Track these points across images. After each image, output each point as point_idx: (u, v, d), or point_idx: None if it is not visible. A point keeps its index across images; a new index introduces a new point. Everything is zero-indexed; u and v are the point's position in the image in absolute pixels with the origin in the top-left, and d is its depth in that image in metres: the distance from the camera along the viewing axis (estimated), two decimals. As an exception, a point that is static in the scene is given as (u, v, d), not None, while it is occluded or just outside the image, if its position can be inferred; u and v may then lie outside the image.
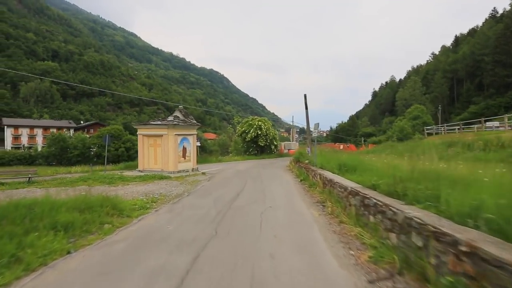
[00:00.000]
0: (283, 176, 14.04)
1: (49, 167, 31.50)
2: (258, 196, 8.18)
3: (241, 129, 32.13)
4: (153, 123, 14.28)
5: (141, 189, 9.67)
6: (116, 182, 11.39)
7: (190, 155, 15.60)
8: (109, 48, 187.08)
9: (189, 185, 10.86)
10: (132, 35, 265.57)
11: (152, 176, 12.77)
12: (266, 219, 5.39)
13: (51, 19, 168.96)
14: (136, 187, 10.18)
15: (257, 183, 11.12)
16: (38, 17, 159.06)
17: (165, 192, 9.09)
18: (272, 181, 11.90)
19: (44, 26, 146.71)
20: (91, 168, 13.84)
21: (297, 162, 17.34)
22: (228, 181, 12.12)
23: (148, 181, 11.96)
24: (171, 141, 14.22)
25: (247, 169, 18.25)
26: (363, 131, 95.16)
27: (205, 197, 8.03)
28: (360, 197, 4.75)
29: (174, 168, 14.33)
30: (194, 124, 15.61)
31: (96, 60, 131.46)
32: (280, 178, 13.40)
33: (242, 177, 13.52)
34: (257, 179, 12.56)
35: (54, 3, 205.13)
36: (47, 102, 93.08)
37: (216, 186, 10.39)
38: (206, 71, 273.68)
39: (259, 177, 13.34)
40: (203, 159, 23.89)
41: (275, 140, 33.09)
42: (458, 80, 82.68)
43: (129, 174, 13.71)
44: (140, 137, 14.67)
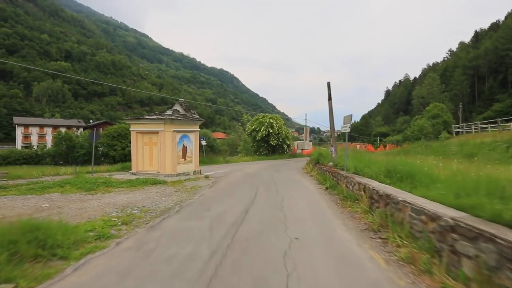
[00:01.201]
0: (302, 182, 11.58)
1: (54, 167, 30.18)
2: (275, 214, 5.79)
3: (251, 127, 29.79)
4: (147, 118, 12.14)
5: (122, 200, 7.46)
6: (97, 188, 9.26)
7: (192, 155, 13.37)
8: (121, 49, 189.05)
9: (185, 194, 8.58)
10: (143, 36, 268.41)
11: (144, 181, 10.59)
12: (297, 276, 2.97)
13: (65, 20, 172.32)
14: (118, 197, 7.99)
15: (271, 192, 8.73)
16: (53, 19, 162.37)
17: (150, 205, 6.83)
18: (290, 189, 9.48)
19: (58, 27, 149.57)
20: (76, 170, 11.78)
21: (316, 164, 14.84)
22: (235, 188, 9.78)
23: (137, 187, 9.77)
24: (169, 139, 12.03)
25: (258, 171, 15.88)
26: (377, 131, 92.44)
27: (200, 216, 5.71)
28: (498, 246, 2.28)
29: (172, 171, 12.13)
30: (196, 119, 13.37)
31: (108, 60, 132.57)
32: (298, 184, 10.95)
33: (252, 182, 11.16)
34: (271, 186, 10.16)
35: (68, 5, 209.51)
36: (59, 102, 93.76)
37: (219, 196, 8.06)
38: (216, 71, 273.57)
39: (273, 183, 10.93)
40: (209, 160, 21.70)
41: (288, 139, 30.58)
42: (479, 77, 78.59)
43: (119, 178, 11.61)
44: (133, 134, 12.57)
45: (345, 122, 8.58)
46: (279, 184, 10.59)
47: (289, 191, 9.07)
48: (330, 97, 11.62)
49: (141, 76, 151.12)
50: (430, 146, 17.73)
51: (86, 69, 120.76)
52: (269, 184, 10.78)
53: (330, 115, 11.71)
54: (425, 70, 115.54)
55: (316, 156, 15.23)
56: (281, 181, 11.76)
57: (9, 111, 74.13)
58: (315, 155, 15.53)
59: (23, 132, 62.18)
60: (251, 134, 29.69)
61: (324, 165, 12.60)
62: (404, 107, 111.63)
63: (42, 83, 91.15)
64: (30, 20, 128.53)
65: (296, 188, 9.89)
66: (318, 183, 10.95)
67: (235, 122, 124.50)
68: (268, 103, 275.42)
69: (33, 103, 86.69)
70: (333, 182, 9.33)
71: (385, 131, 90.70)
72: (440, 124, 66.89)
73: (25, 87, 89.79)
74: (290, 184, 10.96)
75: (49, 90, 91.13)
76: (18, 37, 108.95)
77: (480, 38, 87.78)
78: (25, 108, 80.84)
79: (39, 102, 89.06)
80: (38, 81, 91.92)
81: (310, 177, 13.22)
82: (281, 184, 10.78)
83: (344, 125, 8.67)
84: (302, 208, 6.32)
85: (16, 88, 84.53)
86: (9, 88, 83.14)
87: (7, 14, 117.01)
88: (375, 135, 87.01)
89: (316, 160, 14.98)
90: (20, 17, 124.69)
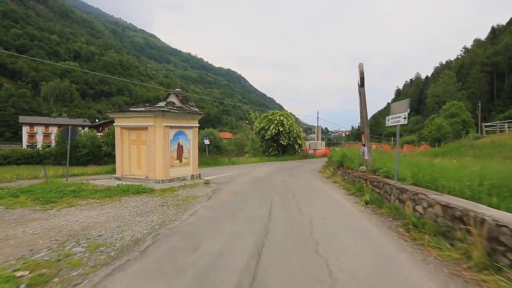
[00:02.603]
0: (326, 191, 9.06)
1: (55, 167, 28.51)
2: (308, 264, 3.32)
3: (259, 125, 27.35)
4: (134, 110, 9.86)
5: (77, 222, 5.15)
6: (60, 200, 7.01)
7: (189, 156, 11.03)
8: (129, 49, 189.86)
9: (172, 210, 6.21)
10: (151, 37, 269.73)
11: (125, 188, 8.29)
12: None
13: (75, 22, 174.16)
14: (76, 215, 5.68)
15: (290, 210, 6.26)
16: (63, 20, 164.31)
17: (110, 234, 4.49)
18: (316, 203, 6.99)
19: (68, 28, 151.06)
20: (45, 173, 9.62)
21: (339, 167, 12.30)
22: (240, 201, 7.35)
23: (114, 197, 7.46)
24: (160, 136, 9.72)
25: (268, 175, 13.43)
26: (388, 131, 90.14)
27: (177, 268, 3.28)
28: None
29: (163, 175, 9.81)
30: (195, 112, 11.02)
31: (115, 60, 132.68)
32: (323, 195, 8.44)
33: (263, 191, 8.71)
34: (288, 198, 7.70)
35: (78, 7, 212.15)
36: (66, 101, 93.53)
37: (217, 217, 5.65)
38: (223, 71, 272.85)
39: (290, 193, 8.47)
40: (213, 161, 19.36)
41: (299, 138, 28.02)
42: (498, 74, 74.85)
43: (98, 183, 9.36)
44: (117, 131, 10.31)
45: (397, 110, 6.05)
46: (299, 195, 8.11)
47: (316, 207, 6.58)
48: (362, 82, 9.09)
49: (148, 76, 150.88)
50: (476, 146, 14.91)
51: (94, 68, 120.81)
52: (285, 194, 8.31)
53: (363, 105, 9.17)
54: (437, 68, 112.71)
55: (338, 157, 12.69)
56: (300, 189, 9.27)
57: (17, 110, 73.93)
58: (337, 157, 12.98)
59: (28, 131, 61.45)
60: (259, 133, 27.25)
61: (352, 170, 10.06)
62: (416, 106, 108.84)
63: (50, 82, 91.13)
64: (41, 21, 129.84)
65: (323, 201, 7.38)
66: (349, 193, 8.42)
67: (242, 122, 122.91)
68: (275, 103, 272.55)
69: (40, 102, 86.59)
70: (375, 195, 6.80)
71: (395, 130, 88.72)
72: (459, 124, 63.21)
73: (33, 87, 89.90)
74: (313, 194, 8.46)
75: (57, 90, 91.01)
76: (28, 37, 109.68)
77: (498, 34, 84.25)
78: (33, 107, 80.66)
79: (46, 101, 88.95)
80: (46, 81, 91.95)
81: (334, 184, 10.69)
82: (301, 194, 8.30)
83: (395, 115, 6.14)
84: (351, 249, 3.82)
85: (24, 88, 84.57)
86: (17, 87, 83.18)
87: (18, 16, 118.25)
88: (386, 135, 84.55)
89: (338, 163, 12.44)
90: (31, 18, 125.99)
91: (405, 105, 5.77)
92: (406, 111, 5.69)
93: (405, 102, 5.82)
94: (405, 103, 5.82)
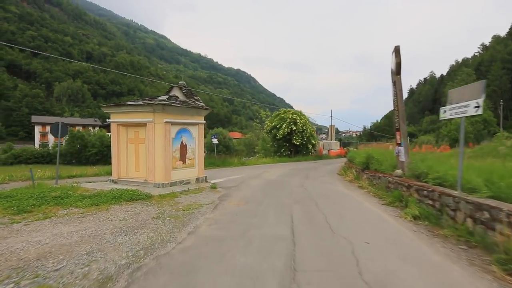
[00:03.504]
0: (355, 200, 7.57)
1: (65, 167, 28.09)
2: None
3: (270, 124, 25.93)
4: (131, 104, 8.65)
5: (40, 243, 3.91)
6: (37, 208, 5.84)
7: (194, 157, 9.74)
8: (140, 50, 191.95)
9: (167, 226, 4.90)
10: (162, 38, 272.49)
11: (118, 194, 7.06)
12: None
13: (88, 24, 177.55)
14: (46, 232, 4.46)
15: (319, 228, 4.82)
16: (77, 22, 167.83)
17: (74, 265, 3.20)
18: (348, 217, 5.53)
19: (81, 30, 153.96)
20: (32, 176, 8.54)
21: (364, 169, 10.76)
22: (252, 213, 5.96)
23: (101, 206, 6.23)
24: (160, 134, 8.47)
25: (283, 178, 12.01)
26: None
27: None
28: None
29: (163, 179, 8.56)
30: (200, 107, 9.72)
31: (127, 61, 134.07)
32: (354, 204, 6.95)
33: (279, 199, 7.31)
34: (311, 209, 6.26)
35: (91, 9, 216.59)
36: (79, 101, 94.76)
37: (223, 238, 4.28)
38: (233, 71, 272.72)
39: (312, 202, 7.03)
40: (222, 162, 18.07)
41: (313, 138, 26.44)
42: (521, 71, 71.00)
43: (90, 187, 8.19)
44: (113, 127, 9.13)
45: (463, 97, 4.53)
46: (324, 204, 6.66)
47: (350, 222, 5.12)
48: (398, 69, 7.56)
49: (159, 76, 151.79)
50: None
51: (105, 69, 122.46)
52: (307, 203, 6.88)
53: (399, 96, 7.64)
54: (453, 66, 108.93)
55: (362, 158, 11.12)
56: (322, 196, 7.81)
57: (31, 110, 75.15)
58: (361, 158, 11.40)
59: (40, 131, 62.12)
60: (270, 132, 25.83)
61: (383, 173, 8.52)
62: (430, 106, 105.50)
63: (63, 83, 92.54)
64: (55, 24, 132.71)
65: (357, 214, 5.90)
66: (384, 203, 6.91)
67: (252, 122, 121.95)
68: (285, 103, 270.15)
69: (53, 102, 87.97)
70: (426, 208, 5.28)
71: (411, 131, 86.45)
72: (480, 123, 60.14)
73: (47, 87, 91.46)
74: (340, 204, 6.99)
75: (69, 90, 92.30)
76: (42, 39, 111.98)
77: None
78: (46, 107, 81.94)
79: (59, 101, 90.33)
80: (59, 81, 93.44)
81: (360, 190, 9.17)
82: (326, 203, 6.84)
83: (457, 104, 4.62)
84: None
85: (38, 88, 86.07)
86: (31, 88, 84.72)
87: (33, 18, 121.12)
88: None
89: (363, 165, 10.88)
90: (46, 21, 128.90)
91: (478, 90, 4.24)
92: (479, 98, 4.17)
93: (478, 86, 4.29)
94: (477, 86, 4.29)
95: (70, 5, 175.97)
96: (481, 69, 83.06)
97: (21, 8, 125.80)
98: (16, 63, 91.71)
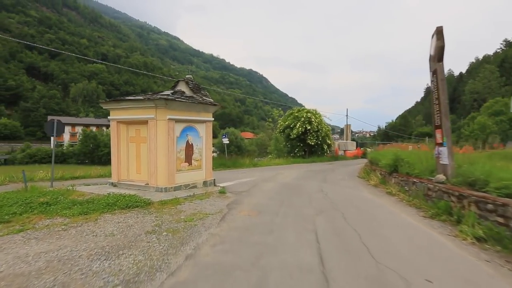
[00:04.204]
0: (388, 209, 6.36)
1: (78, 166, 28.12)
2: None
3: (283, 123, 24.78)
4: (131, 99, 7.80)
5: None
6: (16, 218, 5.03)
7: (201, 158, 8.80)
8: (153, 51, 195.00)
9: (163, 244, 3.93)
10: (175, 39, 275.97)
11: (114, 200, 6.18)
12: None
13: (103, 26, 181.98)
14: (10, 252, 3.60)
15: (355, 254, 3.70)
16: (93, 25, 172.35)
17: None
18: (388, 237, 4.36)
19: (97, 33, 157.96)
20: (23, 176, 7.84)
21: (391, 173, 9.50)
22: (267, 227, 4.90)
23: (91, 215, 5.35)
24: (163, 132, 7.57)
25: (298, 181, 10.89)
26: (418, 131, 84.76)
27: None
28: None
29: (167, 182, 7.65)
30: (208, 103, 8.77)
31: (140, 62, 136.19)
32: (388, 217, 5.76)
33: (298, 209, 6.22)
34: (338, 223, 5.14)
35: (107, 13, 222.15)
36: (93, 102, 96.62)
37: (229, 268, 3.25)
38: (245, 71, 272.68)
39: (337, 212, 5.90)
40: (232, 163, 17.11)
41: (328, 138, 25.09)
42: (548, 67, 66.73)
43: (85, 191, 7.39)
44: (113, 125, 8.32)
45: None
46: (352, 216, 5.52)
47: (393, 245, 3.97)
48: (440, 55, 6.32)
49: (171, 76, 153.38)
50: None
51: (119, 70, 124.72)
52: (331, 214, 5.76)
53: (441, 87, 6.39)
54: (473, 64, 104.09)
55: (389, 160, 9.82)
56: (348, 205, 6.67)
57: (47, 111, 77.07)
58: (387, 159, 10.10)
59: (56, 131, 63.40)
60: (283, 131, 24.69)
61: (419, 178, 7.27)
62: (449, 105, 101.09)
63: (79, 84, 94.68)
64: (72, 27, 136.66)
65: (399, 232, 4.71)
66: (426, 215, 5.69)
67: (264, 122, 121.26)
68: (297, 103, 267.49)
69: (69, 103, 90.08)
70: (495, 229, 4.06)
71: (428, 131, 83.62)
72: (505, 122, 56.87)
73: (63, 88, 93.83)
74: (372, 215, 5.82)
75: (85, 91, 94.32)
76: (60, 42, 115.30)
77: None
78: (62, 108, 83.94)
79: (75, 102, 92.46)
80: (75, 82, 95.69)
81: (390, 197, 7.94)
82: (355, 214, 5.70)
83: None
84: None
85: (55, 89, 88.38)
86: (48, 89, 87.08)
87: (52, 22, 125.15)
88: (416, 135, 79.35)
89: (390, 168, 9.60)
90: (63, 24, 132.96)
91: None
92: None
93: None
94: None
95: (87, 8, 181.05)
96: (505, 66, 78.80)
97: (41, 12, 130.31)
98: (35, 65, 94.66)
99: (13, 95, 79.68)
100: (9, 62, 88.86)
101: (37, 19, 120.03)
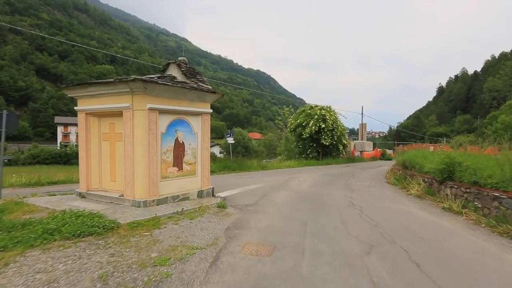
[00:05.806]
0: (474, 241, 4.12)
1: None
2: None
3: (294, 121, 22.60)
4: (99, 82, 5.86)
5: None
6: None
7: (196, 161, 6.78)
8: (162, 53, 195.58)
9: None
10: (183, 40, 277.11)
11: (61, 223, 4.22)
12: None
13: (113, 28, 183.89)
14: None
15: None
16: (102, 27, 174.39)
17: None
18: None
19: (106, 35, 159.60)
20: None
21: (443, 181, 7.25)
22: (293, 281, 2.80)
23: (11, 251, 3.39)
24: (141, 125, 5.59)
25: (317, 189, 8.74)
26: (432, 131, 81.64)
27: None
28: None
29: (146, 193, 5.66)
30: (205, 90, 6.77)
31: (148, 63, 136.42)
32: (487, 260, 3.56)
33: (331, 238, 4.09)
34: (410, 277, 3.00)
35: (116, 15, 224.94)
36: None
37: None
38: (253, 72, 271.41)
39: (395, 247, 3.74)
40: (238, 165, 15.05)
41: (344, 137, 22.78)
42: None
43: (38, 205, 5.48)
44: (80, 118, 6.43)
45: None
46: (424, 258, 3.38)
47: None
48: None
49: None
50: None
51: (128, 71, 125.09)
52: (387, 253, 3.62)
53: None
54: (488, 61, 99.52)
55: (438, 165, 7.49)
56: (405, 233, 4.51)
57: (56, 111, 77.16)
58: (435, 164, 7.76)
59: (62, 131, 63.00)
60: (295, 130, 22.50)
61: (500, 191, 5.04)
62: (463, 104, 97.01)
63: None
64: (82, 29, 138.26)
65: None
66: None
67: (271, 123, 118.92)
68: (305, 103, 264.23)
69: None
70: None
71: (442, 131, 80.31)
72: (531, 120, 53.37)
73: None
74: (456, 257, 3.63)
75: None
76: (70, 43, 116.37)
77: None
78: (70, 108, 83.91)
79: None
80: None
81: (455, 217, 5.73)
82: (427, 254, 3.56)
83: None
84: None
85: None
86: (57, 90, 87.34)
87: (62, 24, 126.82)
88: (430, 135, 76.36)
89: (442, 174, 7.29)
90: (74, 26, 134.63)
91: None
92: None
93: None
94: None
95: (97, 11, 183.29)
96: (526, 62, 74.70)
97: (52, 15, 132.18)
98: (44, 66, 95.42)
99: (23, 96, 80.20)
100: (20, 64, 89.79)
101: (48, 21, 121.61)
